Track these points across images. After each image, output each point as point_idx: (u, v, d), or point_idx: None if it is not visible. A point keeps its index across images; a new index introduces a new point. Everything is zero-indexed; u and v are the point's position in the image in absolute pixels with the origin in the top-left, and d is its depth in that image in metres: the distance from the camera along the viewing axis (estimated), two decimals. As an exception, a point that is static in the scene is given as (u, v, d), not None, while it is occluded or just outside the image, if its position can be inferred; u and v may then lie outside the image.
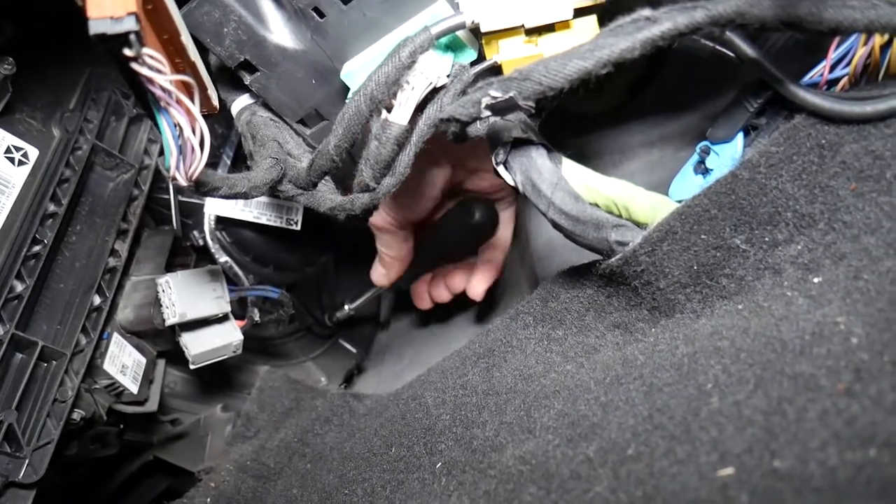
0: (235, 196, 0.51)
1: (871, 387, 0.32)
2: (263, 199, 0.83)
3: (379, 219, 0.78)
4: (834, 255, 0.43)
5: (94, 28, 0.34)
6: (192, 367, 0.70)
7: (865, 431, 0.31)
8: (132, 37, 0.35)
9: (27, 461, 0.57)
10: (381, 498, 0.57)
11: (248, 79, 0.55)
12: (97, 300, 0.67)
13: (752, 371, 0.38)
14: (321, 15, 0.51)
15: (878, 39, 0.44)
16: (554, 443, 0.44)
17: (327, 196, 0.56)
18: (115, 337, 0.69)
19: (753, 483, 0.32)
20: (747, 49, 0.47)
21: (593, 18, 0.47)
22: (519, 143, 0.51)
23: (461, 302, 0.98)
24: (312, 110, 0.57)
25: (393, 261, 0.84)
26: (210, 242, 0.83)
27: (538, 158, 0.50)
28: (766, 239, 0.46)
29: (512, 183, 0.52)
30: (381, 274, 0.87)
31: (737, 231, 0.46)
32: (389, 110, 0.49)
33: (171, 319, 0.67)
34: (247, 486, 0.70)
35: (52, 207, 0.63)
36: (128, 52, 0.35)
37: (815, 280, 0.43)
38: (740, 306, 0.45)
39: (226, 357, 0.73)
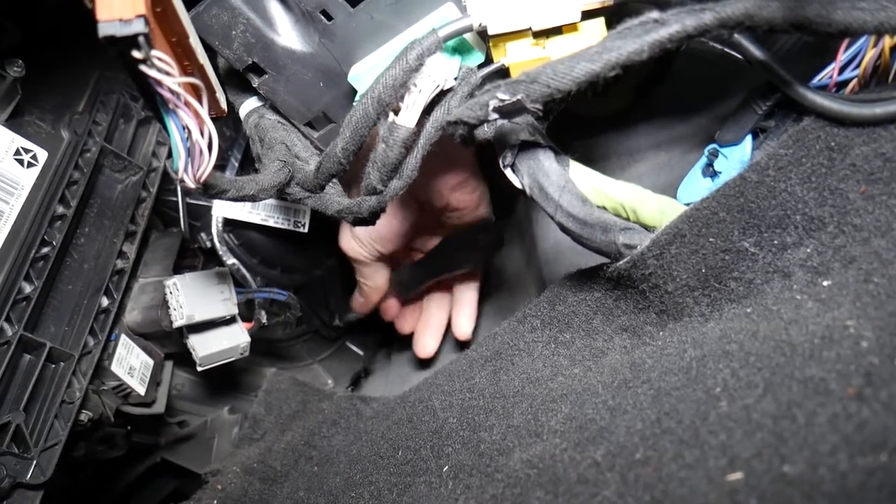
0: (243, 198, 0.51)
1: (881, 391, 0.32)
2: (271, 201, 0.83)
3: (354, 252, 0.83)
4: (844, 259, 0.42)
5: (104, 30, 0.34)
6: (199, 369, 0.70)
7: (876, 436, 0.30)
8: (141, 39, 0.35)
9: (35, 462, 0.57)
10: (388, 501, 0.57)
11: (256, 81, 0.55)
12: (105, 302, 0.67)
13: (761, 375, 0.38)
14: (329, 18, 0.52)
15: (887, 41, 0.44)
16: (561, 447, 0.44)
17: (335, 199, 0.56)
18: (123, 339, 0.70)
19: (762, 488, 0.32)
20: (756, 51, 0.47)
21: (601, 21, 0.47)
22: (526, 146, 0.50)
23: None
24: (320, 113, 0.58)
25: (371, 290, 0.89)
26: (218, 245, 0.83)
27: (546, 161, 0.50)
28: (775, 242, 0.45)
29: (519, 186, 0.51)
30: (361, 303, 0.93)
31: (745, 234, 0.46)
32: (397, 113, 0.49)
33: (178, 321, 0.67)
34: (253, 489, 0.70)
35: (60, 209, 0.63)
36: (136, 54, 0.35)
37: (825, 283, 0.42)
38: (749, 309, 0.45)
39: (233, 359, 0.73)
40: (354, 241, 0.82)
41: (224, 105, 0.49)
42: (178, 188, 0.81)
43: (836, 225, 0.43)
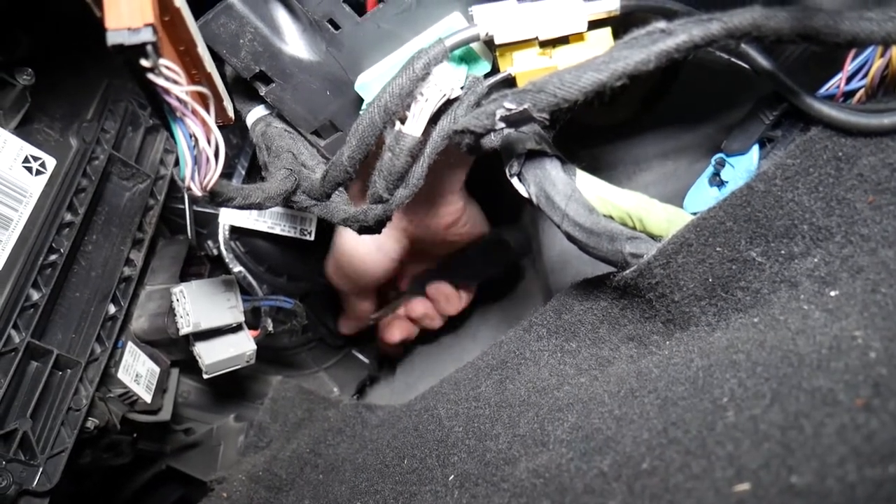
0: (250, 207, 0.52)
1: (890, 402, 0.32)
2: (277, 209, 0.83)
3: (334, 282, 0.87)
4: (851, 269, 0.42)
5: (112, 39, 0.34)
6: (205, 376, 0.70)
7: (885, 447, 0.30)
8: (149, 48, 0.35)
9: (41, 469, 0.57)
10: (393, 510, 0.57)
11: (263, 90, 0.56)
12: (112, 309, 0.67)
13: (768, 385, 0.38)
14: (336, 27, 0.52)
15: (895, 51, 0.44)
16: (568, 456, 0.44)
17: (341, 207, 0.56)
18: (130, 346, 0.70)
19: (770, 499, 0.32)
20: (763, 61, 0.47)
21: (608, 31, 0.47)
22: (533, 155, 0.50)
23: (473, 312, 0.98)
24: (327, 121, 0.58)
25: (354, 316, 0.94)
26: (224, 252, 0.83)
27: (552, 170, 0.50)
28: (783, 252, 0.45)
29: (526, 195, 0.51)
30: (344, 324, 0.97)
31: (752, 244, 0.46)
32: (403, 122, 0.49)
33: (185, 329, 0.67)
34: (259, 497, 0.70)
35: (68, 217, 0.63)
36: (144, 62, 0.35)
37: (832, 293, 0.42)
38: (756, 319, 0.45)
39: (239, 367, 0.73)
40: (342, 279, 0.85)
41: (231, 113, 0.49)
42: (185, 196, 0.81)
43: (844, 235, 0.43)
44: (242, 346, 0.72)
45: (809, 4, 0.53)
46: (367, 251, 0.79)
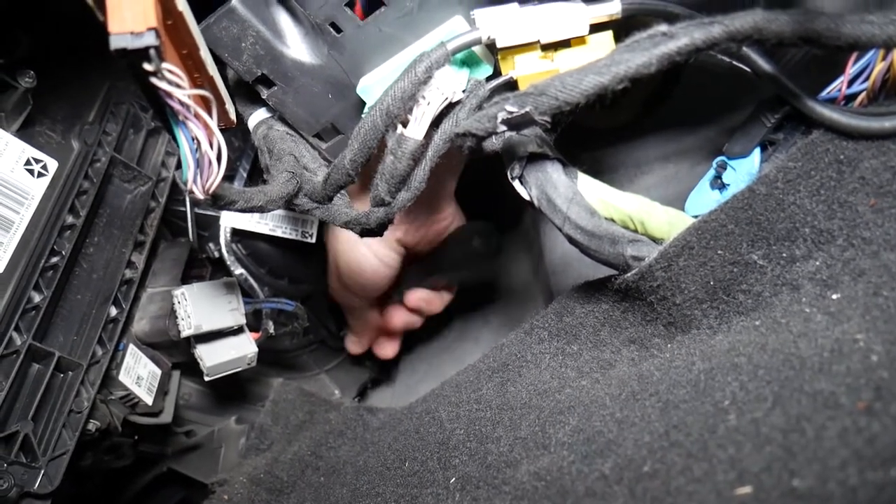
0: (251, 209, 0.52)
1: (892, 405, 0.32)
2: (279, 211, 0.83)
3: (349, 301, 0.87)
4: (853, 272, 0.42)
5: (115, 43, 0.34)
6: (206, 378, 0.70)
7: (887, 451, 0.30)
8: (152, 52, 0.35)
9: (42, 472, 0.57)
10: (395, 512, 0.57)
11: (265, 93, 0.56)
12: (113, 311, 0.67)
13: (769, 388, 0.38)
14: (338, 30, 0.52)
15: (896, 55, 0.44)
16: (569, 459, 0.44)
17: (343, 210, 0.56)
18: (131, 348, 0.70)
19: (772, 502, 0.32)
20: (764, 64, 0.47)
21: (609, 34, 0.47)
22: (534, 158, 0.51)
23: (475, 315, 0.98)
24: (328, 124, 0.58)
25: (364, 330, 0.93)
26: (226, 255, 0.83)
27: (554, 173, 0.50)
28: (784, 255, 0.45)
29: (527, 197, 0.52)
30: (354, 342, 0.97)
31: (754, 246, 0.46)
32: (405, 125, 0.49)
33: (186, 331, 0.67)
34: (260, 499, 0.70)
35: (70, 219, 0.63)
36: (147, 66, 0.35)
37: (834, 296, 0.42)
38: (757, 322, 0.45)
39: (240, 369, 0.73)
40: (347, 293, 0.85)
41: (233, 116, 0.49)
42: (187, 198, 0.81)
43: (846, 238, 0.43)
44: (244, 348, 0.73)
45: (811, 7, 0.53)
46: (364, 260, 0.79)
